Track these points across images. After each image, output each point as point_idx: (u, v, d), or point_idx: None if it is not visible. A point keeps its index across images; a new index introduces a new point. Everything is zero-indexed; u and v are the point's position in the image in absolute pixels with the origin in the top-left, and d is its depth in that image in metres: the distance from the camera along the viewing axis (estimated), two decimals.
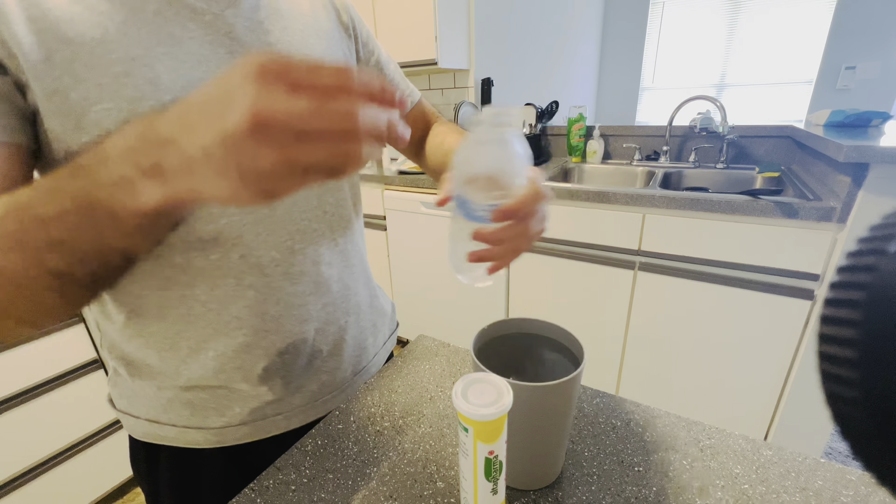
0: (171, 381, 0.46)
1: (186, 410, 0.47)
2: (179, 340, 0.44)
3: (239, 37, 0.41)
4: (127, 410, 0.49)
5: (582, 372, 0.36)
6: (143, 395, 0.47)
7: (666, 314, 1.35)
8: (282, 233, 0.45)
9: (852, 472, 0.40)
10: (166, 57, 0.37)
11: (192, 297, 0.43)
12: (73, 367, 1.22)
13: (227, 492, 0.43)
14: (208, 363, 0.45)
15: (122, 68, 0.35)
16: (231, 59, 0.40)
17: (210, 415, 0.47)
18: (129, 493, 1.44)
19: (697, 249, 1.25)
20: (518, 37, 2.37)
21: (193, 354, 0.45)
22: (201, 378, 0.46)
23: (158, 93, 0.36)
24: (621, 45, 3.73)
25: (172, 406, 0.47)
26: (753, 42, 3.23)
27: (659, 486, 0.40)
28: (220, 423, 0.47)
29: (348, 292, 0.54)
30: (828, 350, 0.13)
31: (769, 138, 1.59)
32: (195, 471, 0.49)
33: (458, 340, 1.84)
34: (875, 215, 0.15)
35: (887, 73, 2.81)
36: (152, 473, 0.51)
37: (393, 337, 0.66)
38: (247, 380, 0.47)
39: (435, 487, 0.41)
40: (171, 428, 0.47)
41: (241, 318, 0.44)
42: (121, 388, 0.49)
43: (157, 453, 0.49)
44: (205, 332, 0.44)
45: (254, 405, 0.48)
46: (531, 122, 1.89)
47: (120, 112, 0.35)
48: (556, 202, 1.44)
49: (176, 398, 0.46)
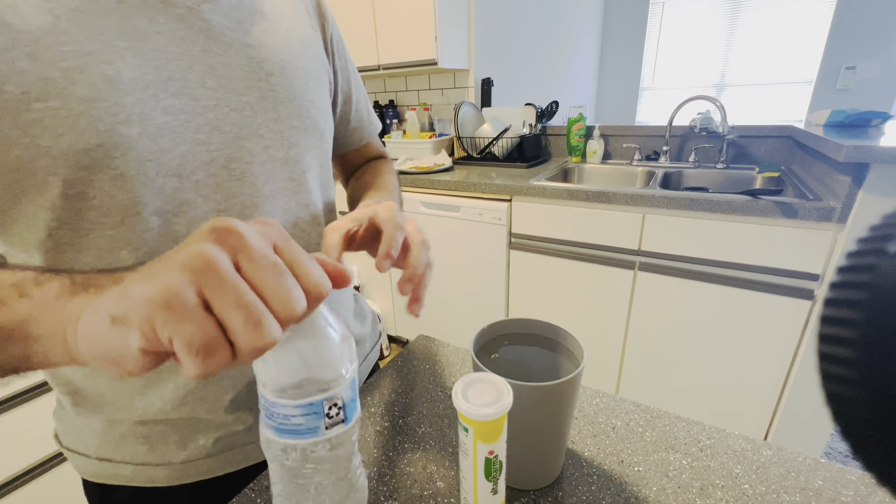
0: (125, 415, 0.41)
1: (143, 445, 0.42)
2: None
3: (216, 35, 0.38)
4: (74, 448, 0.44)
5: (582, 372, 0.36)
6: (92, 431, 0.42)
7: (666, 314, 1.36)
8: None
9: (852, 472, 0.40)
10: (129, 52, 0.32)
11: None
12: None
13: None
14: (167, 395, 0.40)
15: (75, 63, 0.30)
16: (205, 58, 0.37)
17: (171, 449, 0.42)
18: None
19: (697, 249, 1.25)
20: (518, 37, 2.38)
21: (150, 386, 0.40)
22: (159, 412, 0.41)
23: (117, 93, 0.32)
24: (621, 45, 3.73)
25: (126, 441, 0.42)
26: (753, 42, 3.23)
27: (659, 486, 0.40)
28: (182, 458, 0.43)
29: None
30: (828, 350, 0.13)
31: (769, 138, 1.59)
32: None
33: (458, 340, 1.85)
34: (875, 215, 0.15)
35: (887, 73, 2.81)
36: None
37: (375, 350, 0.63)
38: (212, 412, 0.43)
39: (435, 487, 0.41)
40: (126, 466, 0.42)
41: None
42: (67, 423, 0.44)
43: (113, 494, 0.44)
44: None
45: (219, 434, 0.44)
46: (531, 122, 1.89)
47: (70, 112, 0.30)
48: (557, 202, 1.44)
49: (130, 433, 0.42)
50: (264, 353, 0.21)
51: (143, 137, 0.33)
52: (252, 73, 0.40)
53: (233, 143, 0.39)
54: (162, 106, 0.34)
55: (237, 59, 0.39)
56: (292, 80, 0.43)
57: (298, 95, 0.44)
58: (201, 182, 0.37)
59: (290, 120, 0.43)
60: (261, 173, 0.41)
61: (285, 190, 0.44)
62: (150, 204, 0.35)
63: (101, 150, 0.32)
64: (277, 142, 0.42)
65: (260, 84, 0.41)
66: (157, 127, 0.34)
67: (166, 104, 0.34)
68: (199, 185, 0.37)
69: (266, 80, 0.41)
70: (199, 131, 0.37)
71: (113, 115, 0.32)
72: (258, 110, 0.40)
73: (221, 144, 0.38)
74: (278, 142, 0.43)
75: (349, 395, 0.30)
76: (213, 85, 0.37)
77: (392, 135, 2.18)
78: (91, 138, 0.31)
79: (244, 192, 0.40)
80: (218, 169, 0.38)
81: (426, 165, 1.80)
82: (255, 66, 0.40)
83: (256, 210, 0.41)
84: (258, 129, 0.41)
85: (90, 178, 0.32)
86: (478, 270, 1.69)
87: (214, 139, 0.38)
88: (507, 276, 1.64)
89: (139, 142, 0.33)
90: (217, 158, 0.38)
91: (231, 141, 0.39)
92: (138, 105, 0.33)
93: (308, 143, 0.46)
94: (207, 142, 0.37)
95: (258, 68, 0.40)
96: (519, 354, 0.45)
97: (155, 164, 0.34)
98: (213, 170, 0.38)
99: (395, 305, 2.04)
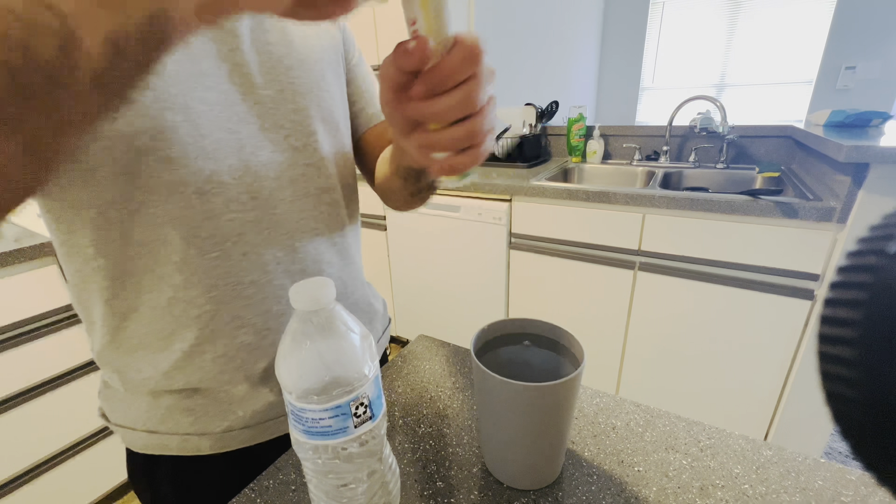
0: (167, 386, 0.44)
1: (187, 418, 0.46)
2: (174, 342, 0.43)
3: (240, 35, 0.41)
4: (122, 423, 0.47)
5: (582, 372, 0.36)
6: (138, 406, 0.46)
7: (666, 314, 1.36)
8: (283, 231, 0.46)
9: (852, 472, 0.40)
10: None
11: (187, 299, 0.42)
12: (73, 367, 1.22)
13: (231, 497, 0.43)
14: (206, 366, 0.44)
15: None
16: (231, 57, 0.40)
17: (212, 419, 0.46)
18: (129, 493, 1.44)
19: (697, 249, 1.25)
20: (518, 37, 2.38)
21: (190, 358, 0.44)
22: (200, 381, 0.45)
23: (163, 84, 0.36)
24: (621, 45, 3.73)
25: (171, 414, 0.45)
26: (753, 42, 3.23)
27: (659, 486, 0.40)
28: (223, 428, 0.46)
29: (346, 290, 0.54)
30: (828, 350, 0.13)
31: (769, 138, 1.59)
32: (198, 478, 0.48)
33: (458, 340, 1.85)
34: (875, 215, 0.15)
35: (887, 73, 2.81)
36: (153, 484, 0.49)
37: (386, 334, 0.66)
38: (248, 380, 0.46)
39: (435, 487, 0.41)
40: (173, 437, 0.46)
41: (242, 316, 0.44)
42: (112, 402, 0.48)
43: (157, 464, 0.48)
44: (202, 333, 0.43)
45: (256, 407, 0.47)
46: (531, 122, 1.89)
47: None
48: (557, 202, 1.44)
49: (174, 406, 0.45)
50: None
51: (185, 123, 0.37)
52: (273, 69, 0.44)
53: (257, 133, 0.43)
54: (199, 97, 0.38)
55: (259, 56, 0.43)
56: (310, 73, 0.47)
57: (316, 87, 0.47)
58: (233, 166, 0.41)
59: (308, 110, 0.47)
60: (282, 160, 0.45)
61: (304, 176, 0.47)
62: (191, 184, 0.39)
63: (147, 133, 0.36)
64: (297, 131, 0.46)
65: (280, 78, 0.44)
66: (196, 114, 0.38)
67: (202, 95, 0.39)
68: (231, 169, 0.41)
69: (286, 74, 0.44)
70: (230, 121, 0.41)
71: (160, 103, 0.36)
72: (279, 102, 0.44)
73: (248, 134, 0.42)
74: (298, 131, 0.46)
75: (374, 391, 0.31)
76: (239, 80, 0.41)
77: None
78: (141, 123, 0.35)
79: (269, 176, 0.44)
80: (247, 155, 0.42)
81: None
82: (275, 62, 0.44)
83: (280, 192, 0.45)
84: (279, 120, 0.44)
85: (139, 159, 0.36)
86: (478, 270, 1.69)
87: (242, 129, 0.42)
88: (507, 276, 1.64)
89: (182, 127, 0.37)
90: (245, 146, 0.42)
91: (256, 131, 0.43)
92: (180, 96, 0.37)
93: (326, 130, 0.49)
94: (237, 130, 0.41)
95: (278, 63, 0.44)
96: (519, 354, 0.45)
97: (194, 148, 0.38)
98: (243, 155, 0.42)
99: (394, 305, 2.04)
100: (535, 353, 0.44)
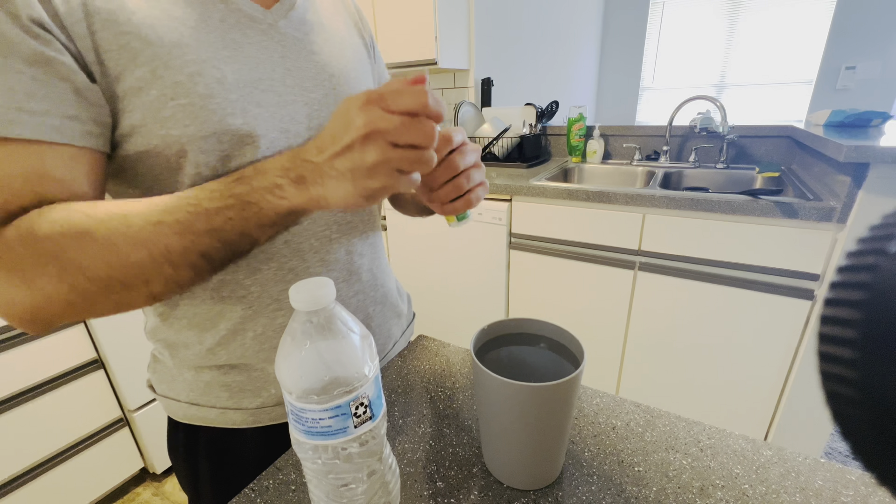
0: (209, 362, 0.48)
1: (225, 393, 0.50)
2: (220, 321, 0.47)
3: (289, 44, 0.45)
4: (167, 394, 0.52)
5: (582, 372, 0.36)
6: (183, 379, 0.50)
7: (666, 314, 1.36)
8: (321, 222, 0.49)
9: (852, 472, 0.40)
10: (230, 60, 0.41)
11: (235, 281, 0.46)
12: (73, 367, 1.22)
13: (264, 468, 0.45)
14: (247, 343, 0.48)
15: (196, 68, 0.38)
16: (283, 62, 0.45)
17: (246, 396, 0.50)
18: (130, 492, 1.44)
19: (697, 249, 1.25)
20: (518, 37, 2.38)
21: (233, 335, 0.47)
22: (241, 357, 0.48)
23: (225, 91, 0.40)
24: (621, 45, 3.73)
25: (211, 389, 0.49)
26: (753, 42, 3.23)
27: (659, 486, 0.40)
28: (256, 404, 0.50)
29: (376, 282, 0.57)
30: (828, 350, 0.13)
31: (769, 138, 1.59)
32: (233, 449, 0.52)
33: (458, 340, 1.85)
34: (875, 215, 0.15)
35: (887, 73, 2.81)
36: (191, 453, 0.54)
37: (410, 328, 0.69)
38: None
39: (435, 487, 0.41)
40: (212, 409, 0.50)
41: (281, 300, 0.48)
42: (160, 374, 0.52)
43: (197, 434, 0.52)
44: (245, 313, 0.47)
45: None
46: (531, 121, 1.89)
47: (193, 107, 0.38)
48: (557, 202, 1.44)
49: (214, 381, 0.49)
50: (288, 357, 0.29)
51: (245, 126, 0.41)
52: (318, 75, 0.48)
53: (305, 133, 0.46)
54: (256, 100, 0.42)
55: (306, 63, 0.47)
56: (348, 82, 0.51)
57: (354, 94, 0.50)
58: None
59: None
60: None
61: None
62: None
63: (214, 137, 0.40)
64: None
65: (324, 84, 0.48)
66: (253, 117, 0.42)
67: (259, 99, 0.42)
68: None
69: (329, 81, 0.49)
70: (283, 121, 0.44)
71: (223, 109, 0.40)
72: (323, 105, 0.48)
73: (296, 133, 0.46)
74: None
75: (374, 392, 0.31)
76: (291, 84, 0.45)
77: None
78: (208, 127, 0.39)
79: None
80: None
81: None
82: (319, 69, 0.48)
83: None
84: (323, 122, 0.48)
85: (206, 160, 0.40)
86: (478, 270, 1.69)
87: (293, 128, 0.45)
88: (507, 276, 1.64)
89: (242, 129, 0.41)
90: (293, 145, 0.45)
91: (303, 131, 0.46)
92: (240, 101, 0.41)
93: None
94: (288, 130, 0.45)
95: (322, 70, 0.48)
96: (519, 354, 0.45)
97: (252, 147, 0.42)
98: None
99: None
100: (535, 353, 0.44)
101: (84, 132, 0.35)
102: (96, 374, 1.27)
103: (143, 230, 0.34)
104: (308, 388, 0.28)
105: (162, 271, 0.35)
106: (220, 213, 0.35)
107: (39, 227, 0.33)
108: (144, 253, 0.34)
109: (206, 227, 0.35)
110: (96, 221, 0.33)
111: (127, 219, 0.34)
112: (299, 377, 0.28)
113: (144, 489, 1.46)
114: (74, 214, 0.33)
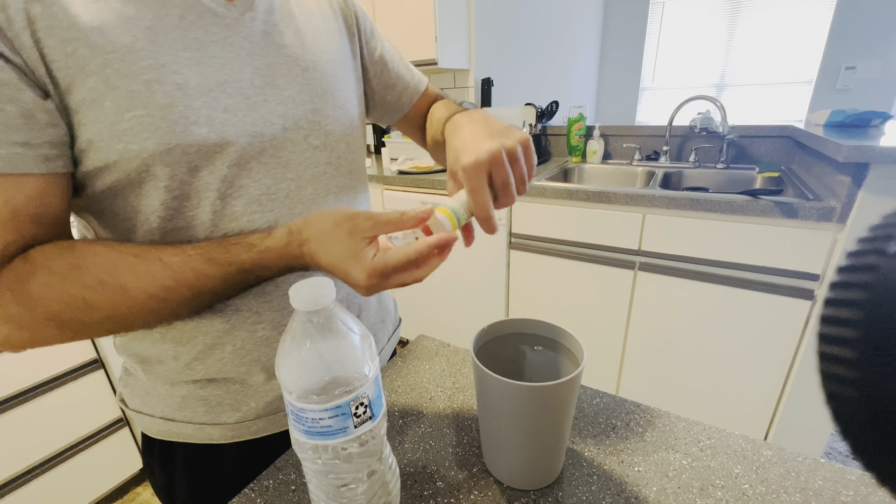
0: (186, 377, 0.46)
1: (201, 407, 0.47)
2: (197, 335, 0.45)
3: (256, 40, 0.42)
4: (141, 409, 0.49)
5: (582, 372, 0.36)
6: (157, 394, 0.48)
7: (666, 314, 1.36)
8: None
9: (852, 472, 0.40)
10: (193, 62, 0.37)
11: None
12: (73, 367, 1.22)
13: (243, 485, 0.44)
14: (226, 357, 0.46)
15: (153, 75, 0.35)
16: (251, 60, 0.41)
17: (225, 410, 0.48)
18: (130, 492, 1.44)
19: (697, 249, 1.25)
20: (518, 37, 2.37)
21: (211, 350, 0.45)
22: (218, 372, 0.46)
23: (187, 98, 0.36)
24: (621, 45, 3.73)
25: (187, 403, 0.47)
26: (753, 42, 3.23)
27: (659, 486, 0.40)
28: (236, 419, 0.48)
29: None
30: (828, 350, 0.13)
31: (769, 138, 1.59)
32: (211, 465, 0.50)
33: (458, 340, 1.85)
34: (875, 215, 0.15)
35: (887, 73, 2.81)
36: (167, 470, 0.51)
37: (396, 333, 0.68)
38: (264, 372, 0.48)
39: (435, 487, 0.41)
40: (188, 425, 0.48)
41: (261, 312, 0.46)
42: (132, 388, 0.50)
43: (172, 450, 0.50)
44: (224, 326, 0.45)
45: (268, 399, 0.49)
46: (531, 121, 1.89)
47: (152, 118, 0.35)
48: (557, 202, 1.44)
49: (190, 395, 0.47)
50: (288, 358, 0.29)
51: (212, 134, 0.38)
52: (290, 70, 0.44)
53: (280, 134, 0.43)
54: (222, 105, 0.39)
55: (277, 59, 0.43)
56: (325, 74, 0.48)
57: (331, 87, 0.48)
58: (254, 169, 0.42)
59: (325, 110, 0.48)
60: (302, 160, 0.46)
61: (324, 174, 0.48)
62: (216, 189, 0.40)
63: (178, 149, 0.37)
64: (315, 131, 0.47)
65: (297, 79, 0.45)
66: (221, 124, 0.39)
67: (226, 103, 0.39)
68: (252, 172, 0.42)
69: (302, 76, 0.45)
70: (255, 124, 0.41)
71: (186, 118, 0.36)
72: (298, 103, 0.45)
73: (271, 136, 0.43)
74: (316, 131, 0.47)
75: (374, 391, 0.30)
76: (261, 83, 0.42)
77: (392, 135, 2.18)
78: (170, 140, 0.36)
79: (288, 177, 0.45)
80: (269, 158, 0.43)
81: (426, 165, 1.80)
82: (291, 64, 0.44)
83: (299, 192, 0.46)
84: (299, 121, 0.45)
85: (172, 173, 0.37)
86: (478, 270, 1.69)
87: (267, 130, 0.42)
88: (507, 276, 1.64)
89: (208, 138, 0.38)
90: (268, 148, 0.43)
91: (278, 132, 0.43)
92: (204, 108, 0.37)
93: (341, 130, 0.50)
94: (261, 133, 0.42)
95: (294, 65, 0.45)
96: (519, 354, 0.45)
97: (222, 157, 0.39)
98: (265, 158, 0.43)
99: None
100: (535, 353, 0.44)
101: (39, 157, 0.32)
102: (96, 374, 1.27)
103: (148, 304, 0.36)
104: (308, 387, 0.28)
105: (163, 322, 0.39)
106: (225, 281, 0.38)
107: (32, 288, 0.33)
108: (151, 319, 0.38)
109: (211, 291, 0.38)
110: (96, 294, 0.34)
111: (127, 293, 0.35)
112: (299, 377, 0.28)
113: (144, 489, 1.46)
114: (70, 285, 0.34)
